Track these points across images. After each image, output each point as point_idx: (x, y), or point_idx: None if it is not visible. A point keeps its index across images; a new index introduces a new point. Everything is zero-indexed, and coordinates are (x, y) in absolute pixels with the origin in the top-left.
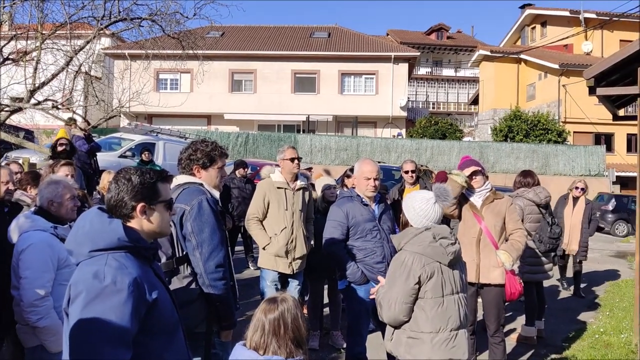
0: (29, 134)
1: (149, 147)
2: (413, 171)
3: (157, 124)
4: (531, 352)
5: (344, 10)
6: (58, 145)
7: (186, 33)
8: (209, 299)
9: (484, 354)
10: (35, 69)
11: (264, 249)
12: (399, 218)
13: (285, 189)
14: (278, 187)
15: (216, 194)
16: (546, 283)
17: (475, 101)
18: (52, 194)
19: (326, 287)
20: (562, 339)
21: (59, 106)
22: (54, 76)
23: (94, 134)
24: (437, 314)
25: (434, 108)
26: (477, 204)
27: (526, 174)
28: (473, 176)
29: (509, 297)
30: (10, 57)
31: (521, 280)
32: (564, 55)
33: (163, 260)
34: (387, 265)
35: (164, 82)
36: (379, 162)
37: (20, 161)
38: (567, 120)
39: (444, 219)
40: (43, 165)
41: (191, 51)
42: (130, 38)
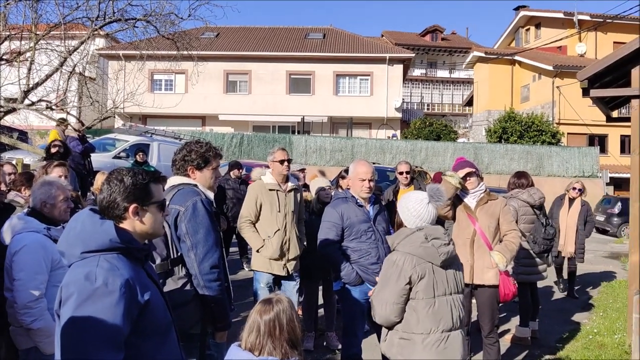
0: (22, 135)
1: (143, 148)
2: (407, 172)
3: (152, 124)
4: (525, 352)
5: (339, 10)
6: (52, 147)
7: (181, 34)
8: (203, 300)
9: (478, 355)
10: (29, 69)
11: (257, 251)
12: (393, 219)
13: (277, 190)
14: (270, 189)
15: (210, 195)
16: (540, 284)
17: (469, 102)
18: (46, 195)
19: (321, 288)
20: (555, 339)
21: (53, 107)
22: (48, 77)
23: (88, 135)
24: (428, 315)
25: (428, 109)
26: (471, 205)
27: (520, 175)
28: (467, 177)
29: (502, 298)
30: (4, 57)
31: (515, 281)
32: (557, 57)
33: (158, 261)
34: (382, 267)
35: (159, 83)
36: (373, 163)
37: (14, 162)
38: (561, 121)
39: (439, 220)
40: (37, 166)
41: (186, 52)
42: (125, 39)
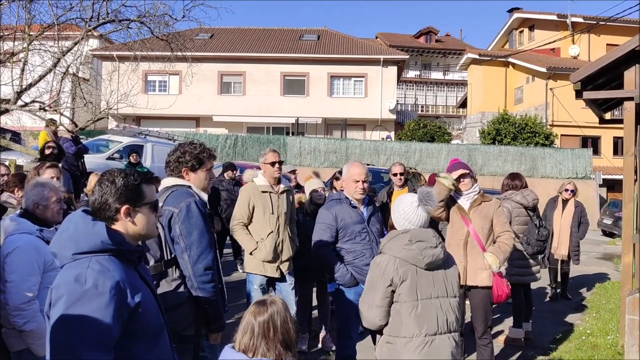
0: (15, 136)
1: (137, 149)
2: (402, 174)
3: (146, 126)
4: (519, 353)
5: (333, 12)
6: (46, 148)
7: (175, 35)
8: (197, 301)
9: (471, 356)
10: (23, 70)
11: (250, 254)
12: (387, 220)
13: (270, 192)
14: (263, 191)
15: (204, 196)
16: (533, 285)
17: (463, 104)
18: (38, 197)
19: (315, 289)
20: (549, 340)
21: (46, 108)
22: (41, 77)
23: (81, 136)
24: (410, 318)
25: (422, 111)
26: (465, 206)
27: (514, 176)
28: (461, 179)
29: (496, 300)
30: None
31: (508, 283)
32: (551, 59)
33: (151, 263)
34: None
35: (153, 84)
36: (367, 165)
37: (7, 163)
38: (555, 123)
39: (432, 222)
40: (30, 168)
41: (180, 53)
42: (119, 40)
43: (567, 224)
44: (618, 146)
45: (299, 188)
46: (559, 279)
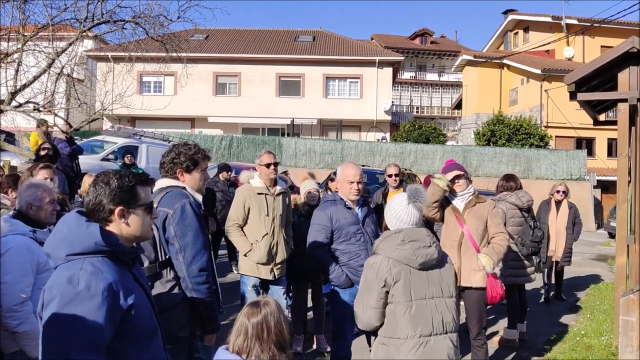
0: (9, 137)
1: (131, 150)
2: (397, 175)
3: (141, 126)
4: (513, 354)
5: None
6: (41, 150)
7: (170, 36)
8: (192, 302)
9: (466, 357)
10: (17, 70)
11: (245, 255)
12: (382, 221)
13: (266, 194)
14: (258, 193)
15: (199, 197)
16: (528, 286)
17: (458, 105)
18: (32, 198)
19: (310, 290)
20: (543, 341)
21: (41, 109)
22: (35, 78)
23: (76, 137)
24: (405, 319)
25: (417, 112)
26: (460, 207)
27: (509, 178)
28: (455, 180)
29: (490, 301)
30: None
31: (502, 284)
32: (546, 61)
33: (146, 264)
34: None
35: (148, 84)
36: (363, 166)
37: (1, 164)
38: (549, 124)
39: (427, 222)
40: (24, 169)
41: (175, 54)
42: (114, 40)
43: (563, 225)
44: (612, 148)
45: (291, 189)
46: (552, 280)
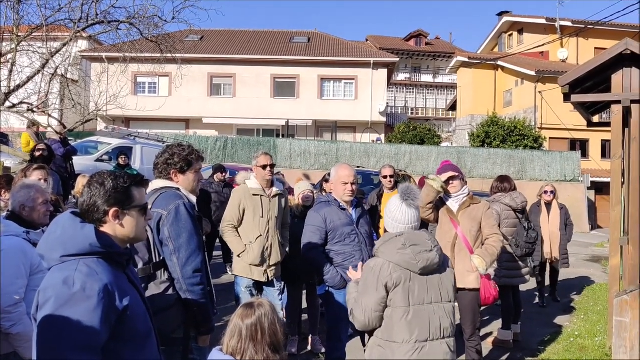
0: (3, 138)
1: (125, 151)
2: (392, 176)
3: (135, 127)
4: (507, 355)
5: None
6: (36, 151)
7: (164, 36)
8: (186, 304)
9: (460, 358)
10: (11, 71)
11: (238, 256)
12: (376, 223)
13: (262, 196)
14: (254, 194)
15: (193, 198)
16: (522, 287)
17: (453, 107)
18: (25, 199)
19: (304, 291)
20: (537, 342)
21: (35, 109)
22: (29, 79)
23: (70, 138)
24: (401, 323)
25: (412, 113)
26: (454, 208)
27: (503, 179)
28: (450, 181)
29: (483, 302)
30: None
31: (496, 285)
32: (540, 62)
33: (140, 265)
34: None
35: (142, 85)
36: (357, 167)
37: None
38: (543, 126)
39: (423, 223)
40: (18, 170)
41: (169, 55)
42: (108, 41)
43: (556, 227)
44: (606, 149)
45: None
46: (547, 282)
